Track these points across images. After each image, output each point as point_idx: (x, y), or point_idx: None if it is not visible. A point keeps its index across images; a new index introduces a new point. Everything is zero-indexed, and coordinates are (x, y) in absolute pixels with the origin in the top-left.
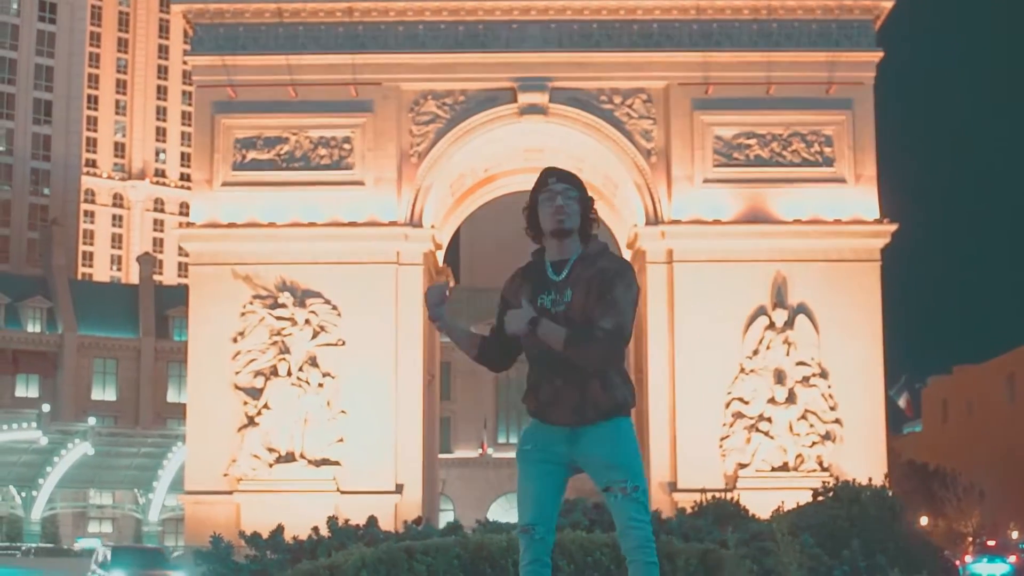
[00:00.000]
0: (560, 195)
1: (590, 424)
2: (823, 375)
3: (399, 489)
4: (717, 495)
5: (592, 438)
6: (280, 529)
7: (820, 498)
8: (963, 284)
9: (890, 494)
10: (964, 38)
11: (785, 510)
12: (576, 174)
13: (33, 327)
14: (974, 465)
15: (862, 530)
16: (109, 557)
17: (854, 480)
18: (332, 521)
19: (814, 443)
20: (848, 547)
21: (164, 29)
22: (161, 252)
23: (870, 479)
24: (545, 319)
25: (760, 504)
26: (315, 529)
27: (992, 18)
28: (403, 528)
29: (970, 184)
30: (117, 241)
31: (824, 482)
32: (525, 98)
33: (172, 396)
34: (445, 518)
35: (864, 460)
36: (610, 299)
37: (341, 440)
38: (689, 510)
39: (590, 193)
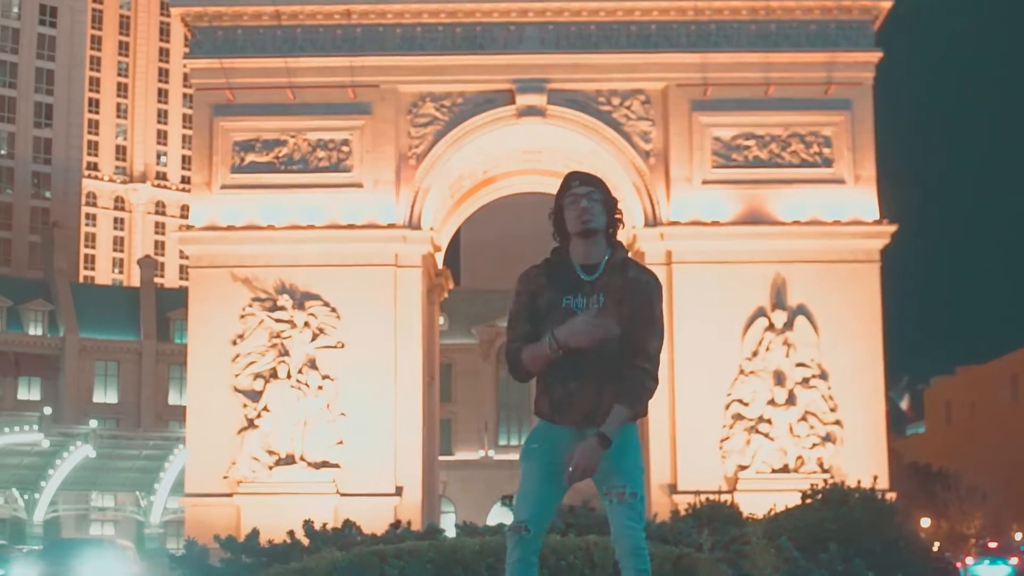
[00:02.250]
0: (584, 198)
1: (599, 427)
2: (823, 376)
3: (399, 491)
4: (712, 497)
5: None
6: (255, 533)
7: (809, 500)
8: (966, 285)
9: (880, 496)
10: (964, 38)
11: (777, 512)
12: (599, 178)
13: (34, 330)
14: (977, 466)
15: (846, 533)
16: None
17: (843, 483)
18: (308, 525)
19: (814, 445)
20: (826, 550)
21: (165, 32)
22: (163, 255)
23: (859, 481)
24: (608, 428)
25: (760, 506)
26: (291, 533)
27: (992, 19)
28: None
29: (971, 184)
30: (118, 244)
31: (813, 485)
32: (523, 100)
33: (173, 398)
34: (447, 520)
35: (865, 462)
36: (651, 317)
37: (341, 442)
38: (683, 512)
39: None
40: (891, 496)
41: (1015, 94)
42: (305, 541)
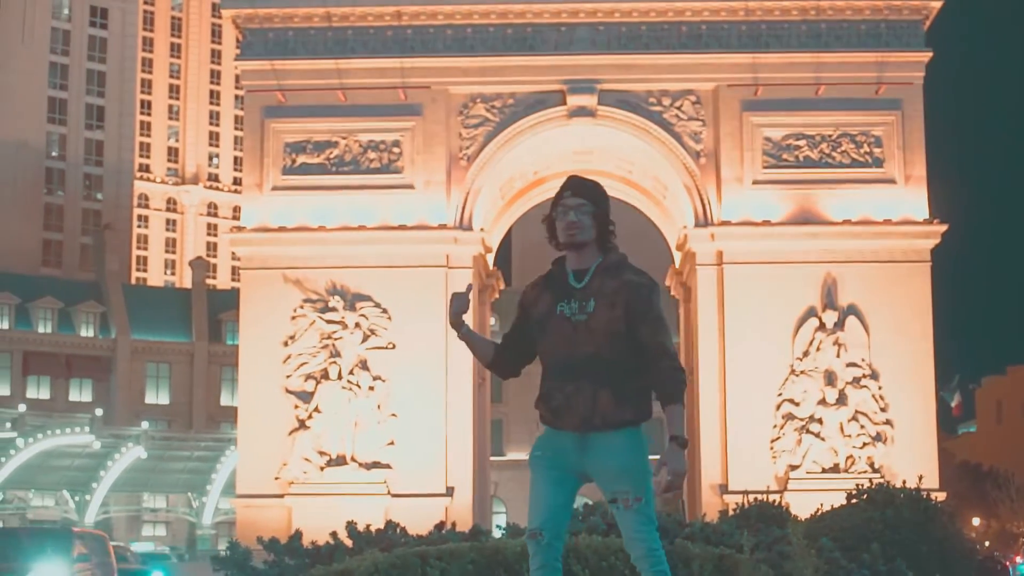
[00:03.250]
0: (573, 210)
1: (599, 432)
2: (873, 376)
3: (450, 492)
4: (760, 497)
5: (602, 447)
6: (298, 534)
7: (854, 500)
8: (1017, 284)
9: (927, 496)
10: (1013, 37)
11: (823, 512)
12: (596, 185)
13: (86, 332)
14: None
15: (892, 533)
16: None
17: (889, 482)
18: (351, 526)
19: (865, 444)
20: (868, 551)
21: (216, 34)
22: (215, 256)
23: (904, 481)
24: (676, 430)
25: (811, 506)
26: (333, 534)
27: None
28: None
29: (1021, 183)
30: (171, 245)
31: (859, 484)
32: (574, 100)
33: (225, 400)
34: (498, 521)
35: (915, 461)
36: (656, 316)
37: (392, 443)
38: (731, 512)
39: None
40: (939, 496)
41: None
42: (348, 542)
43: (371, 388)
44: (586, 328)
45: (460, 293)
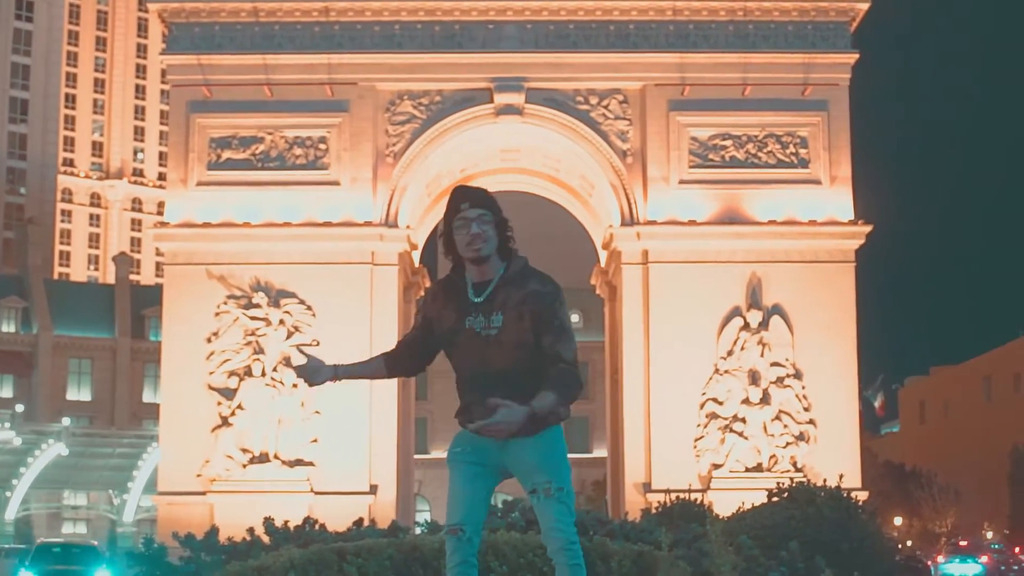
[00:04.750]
0: (475, 221)
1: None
2: (797, 376)
3: (373, 490)
4: (683, 496)
5: (523, 444)
6: (215, 530)
7: (775, 499)
8: (940, 285)
9: (847, 494)
10: (939, 39)
11: (744, 511)
12: (489, 194)
13: (8, 327)
14: (950, 466)
15: (812, 531)
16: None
17: (810, 481)
18: (268, 522)
19: (788, 444)
20: (787, 548)
21: (142, 28)
22: (139, 252)
23: (825, 480)
24: (537, 403)
25: (734, 505)
26: (250, 530)
27: (967, 20)
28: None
29: (945, 185)
30: (94, 240)
31: (779, 483)
32: (501, 98)
33: (148, 396)
34: (422, 519)
35: (838, 461)
36: (559, 325)
37: (315, 441)
38: (654, 511)
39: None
40: (861, 495)
41: (989, 95)
42: (266, 539)
43: (295, 385)
44: (497, 342)
45: (303, 366)
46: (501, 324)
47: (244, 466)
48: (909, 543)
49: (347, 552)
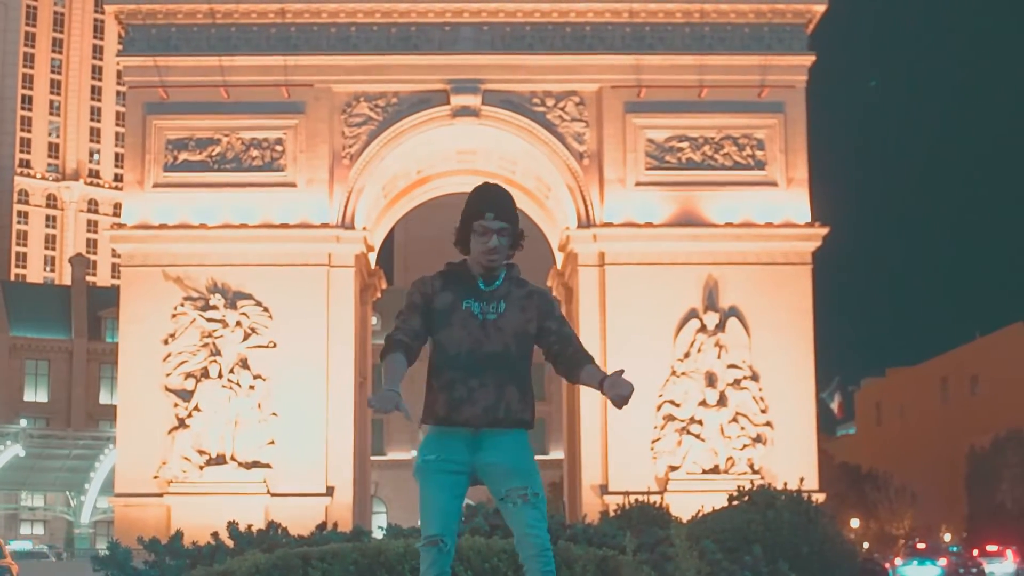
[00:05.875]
0: (496, 234)
1: (494, 429)
2: (754, 378)
3: (330, 492)
4: (641, 499)
5: (494, 446)
6: (179, 534)
7: (735, 502)
8: (896, 287)
9: (807, 497)
10: (895, 41)
11: (705, 514)
12: (513, 205)
13: None
14: (907, 467)
15: (773, 535)
16: None
17: (770, 484)
18: (232, 526)
19: (745, 446)
20: (750, 553)
21: (99, 30)
22: (95, 253)
23: (785, 483)
24: (611, 373)
25: (691, 507)
26: (215, 535)
27: (923, 23)
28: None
29: (902, 187)
30: (50, 242)
31: (740, 486)
32: (458, 100)
33: (104, 398)
34: (378, 521)
35: (795, 463)
36: (560, 314)
37: (272, 442)
38: (612, 513)
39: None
40: (819, 497)
41: (947, 98)
42: (230, 543)
43: (251, 387)
44: (495, 326)
45: (377, 398)
46: (503, 311)
47: (201, 468)
48: (866, 545)
49: (312, 557)
